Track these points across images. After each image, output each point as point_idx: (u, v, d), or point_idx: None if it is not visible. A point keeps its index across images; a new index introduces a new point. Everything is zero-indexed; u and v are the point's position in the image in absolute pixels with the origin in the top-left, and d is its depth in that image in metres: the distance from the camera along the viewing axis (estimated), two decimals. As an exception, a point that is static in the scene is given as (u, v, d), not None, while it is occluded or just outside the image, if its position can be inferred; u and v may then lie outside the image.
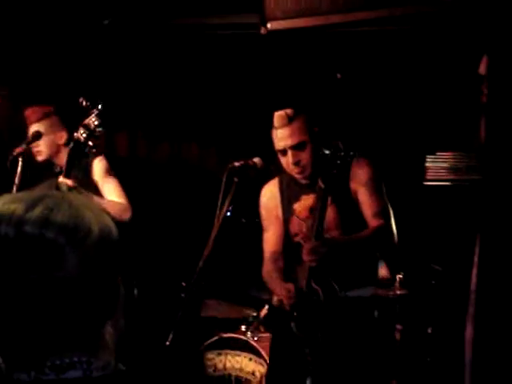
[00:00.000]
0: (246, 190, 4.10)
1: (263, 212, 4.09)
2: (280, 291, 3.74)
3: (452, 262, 5.58)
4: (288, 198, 3.97)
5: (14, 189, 4.13)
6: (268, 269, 3.99)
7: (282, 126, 3.74)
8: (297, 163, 3.76)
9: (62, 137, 4.53)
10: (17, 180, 4.16)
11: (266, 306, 4.59)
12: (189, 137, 6.11)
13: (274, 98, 5.03)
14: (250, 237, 4.49)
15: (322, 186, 3.53)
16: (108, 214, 4.21)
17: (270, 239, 4.03)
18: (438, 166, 6.29)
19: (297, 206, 3.90)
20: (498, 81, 3.25)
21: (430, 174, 6.25)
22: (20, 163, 4.18)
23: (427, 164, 6.25)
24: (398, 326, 5.20)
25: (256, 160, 4.06)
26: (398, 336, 5.21)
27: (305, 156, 3.77)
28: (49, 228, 1.14)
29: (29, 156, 4.23)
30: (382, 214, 3.77)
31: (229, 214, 4.12)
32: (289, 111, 3.76)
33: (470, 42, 4.21)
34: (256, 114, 3.78)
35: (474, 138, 5.47)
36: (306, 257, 3.54)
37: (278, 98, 3.81)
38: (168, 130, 6.06)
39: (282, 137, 3.76)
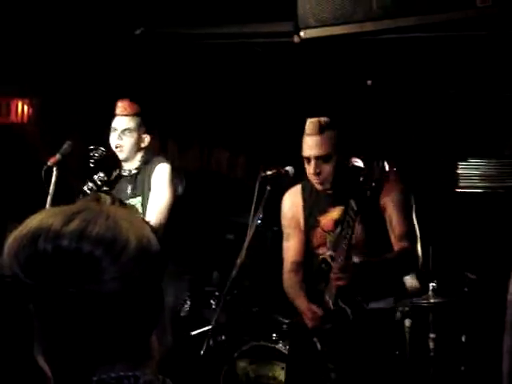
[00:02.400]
0: (279, 199, 4.09)
1: (285, 221, 4.00)
2: (305, 311, 3.69)
3: (486, 269, 5.53)
4: (312, 208, 3.89)
5: (49, 199, 4.11)
6: (290, 280, 3.91)
7: (313, 134, 3.67)
8: (317, 174, 3.69)
9: (146, 139, 4.47)
10: (51, 190, 4.14)
11: None
12: (219, 143, 6.14)
13: (305, 107, 5.03)
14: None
15: (355, 207, 3.46)
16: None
17: (292, 248, 3.94)
18: (470, 173, 6.24)
19: (322, 218, 3.82)
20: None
21: (462, 181, 6.21)
22: (55, 173, 4.16)
23: (459, 171, 6.21)
24: (432, 335, 5.17)
25: (288, 169, 4.05)
26: (431, 345, 5.18)
27: (327, 169, 3.69)
28: (85, 241, 1.14)
29: (64, 165, 4.21)
30: (409, 236, 3.69)
31: (259, 222, 4.14)
32: (323, 120, 3.69)
33: (505, 50, 4.17)
34: (288, 122, 3.77)
35: (507, 144, 5.42)
36: (335, 276, 3.51)
37: (310, 108, 3.76)
38: (199, 136, 6.10)
39: (310, 145, 3.69)
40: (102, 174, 4.15)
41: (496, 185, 6.28)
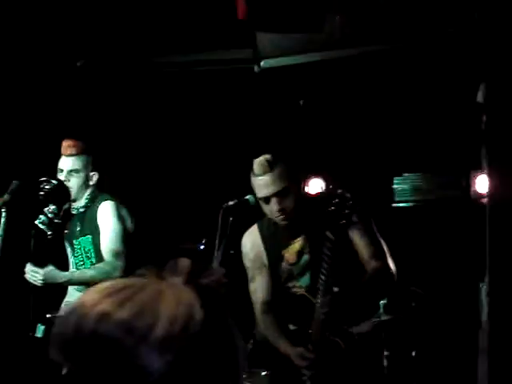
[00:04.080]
0: (241, 228, 4.06)
1: (248, 262, 3.97)
2: (293, 357, 3.65)
3: (430, 282, 5.63)
4: (273, 244, 3.89)
5: (-1, 241, 3.93)
6: (265, 323, 3.87)
7: (263, 172, 3.64)
8: (282, 210, 3.66)
9: (94, 177, 4.39)
10: (0, 232, 3.95)
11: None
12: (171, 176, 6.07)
13: (255, 139, 5.03)
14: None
15: (332, 237, 3.46)
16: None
17: (259, 289, 3.92)
18: (404, 188, 6.33)
19: (285, 252, 3.83)
20: (496, 108, 3.30)
21: (397, 196, 6.29)
22: (3, 214, 3.97)
23: (395, 186, 6.30)
24: (386, 352, 5.21)
25: (248, 197, 4.03)
26: (385, 362, 5.22)
27: (288, 202, 3.67)
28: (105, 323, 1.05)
29: (13, 207, 4.02)
30: (378, 254, 3.73)
31: (202, 247, 4.08)
32: (268, 157, 3.66)
33: (468, 71, 4.27)
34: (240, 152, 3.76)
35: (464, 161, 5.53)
36: (320, 310, 3.53)
37: (258, 143, 3.74)
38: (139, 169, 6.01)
39: (264, 184, 3.66)
40: (52, 207, 4.03)
41: (429, 197, 6.39)
